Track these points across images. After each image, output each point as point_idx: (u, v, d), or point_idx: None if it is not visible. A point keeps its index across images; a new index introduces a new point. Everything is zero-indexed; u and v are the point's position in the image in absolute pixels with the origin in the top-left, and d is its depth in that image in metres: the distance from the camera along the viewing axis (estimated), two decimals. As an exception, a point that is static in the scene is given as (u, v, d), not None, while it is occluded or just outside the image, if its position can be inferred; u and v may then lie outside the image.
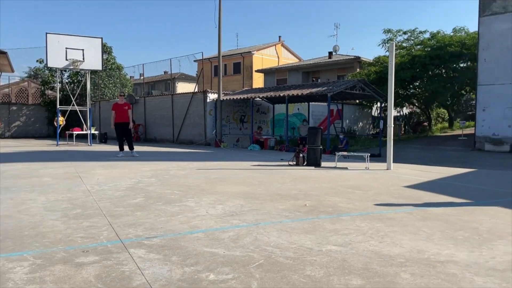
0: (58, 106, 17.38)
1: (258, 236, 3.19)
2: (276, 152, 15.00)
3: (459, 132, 26.19)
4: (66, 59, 15.49)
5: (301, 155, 9.14)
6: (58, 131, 17.82)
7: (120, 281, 2.27)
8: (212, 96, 18.52)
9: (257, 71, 37.04)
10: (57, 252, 2.76)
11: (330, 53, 33.03)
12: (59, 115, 18.03)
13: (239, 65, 41.00)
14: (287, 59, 40.98)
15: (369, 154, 9.39)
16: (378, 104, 28.42)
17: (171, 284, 2.22)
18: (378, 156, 16.70)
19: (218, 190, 5.41)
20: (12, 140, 23.23)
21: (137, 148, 15.17)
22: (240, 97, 17.45)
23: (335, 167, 8.80)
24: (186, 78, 59.88)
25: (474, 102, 21.20)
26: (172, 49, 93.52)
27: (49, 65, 15.91)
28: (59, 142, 18.07)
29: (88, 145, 17.78)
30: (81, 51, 15.70)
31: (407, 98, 26.75)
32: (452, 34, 25.15)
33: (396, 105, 27.51)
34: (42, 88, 27.92)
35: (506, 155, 15.91)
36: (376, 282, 2.28)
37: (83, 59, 15.78)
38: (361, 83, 15.60)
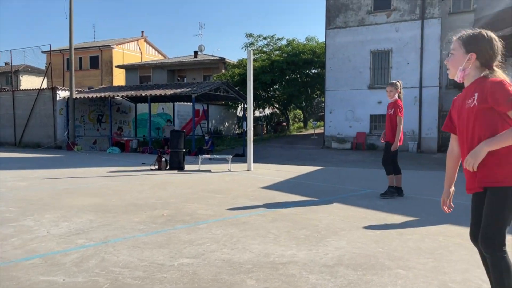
0: None
1: (106, 256, 2.99)
2: (138, 155, 14.39)
3: (312, 131, 29.10)
4: None
5: (163, 159, 8.95)
6: None
7: None
8: (63, 94, 16.81)
9: (118, 66, 34.98)
10: None
11: (196, 53, 33.17)
12: None
13: (97, 59, 38.06)
14: (151, 56, 39.73)
15: (231, 156, 9.68)
16: (243, 104, 29.79)
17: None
18: (242, 155, 17.39)
19: (65, 204, 4.91)
20: None
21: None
22: (97, 96, 16.25)
23: (198, 170, 8.85)
24: (33, 71, 53.04)
25: (323, 104, 23.80)
26: (20, 40, 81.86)
27: None
28: None
29: None
30: None
31: (268, 100, 28.52)
32: (305, 42, 27.75)
33: (258, 106, 29.12)
34: None
35: (348, 152, 18.16)
36: (223, 293, 2.34)
37: None
38: (224, 85, 16.05)
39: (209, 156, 10.44)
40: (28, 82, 49.81)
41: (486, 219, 1.81)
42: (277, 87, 27.25)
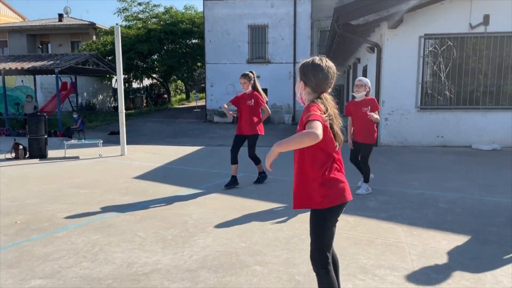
0: None
1: None
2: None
3: (194, 104, 28.91)
4: None
5: (20, 146, 8.01)
6: None
7: None
8: None
9: None
10: None
11: (61, 15, 29.72)
12: None
13: None
14: (8, 18, 34.41)
15: (101, 141, 9.10)
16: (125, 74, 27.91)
17: None
18: (118, 133, 16.53)
19: None
20: None
21: None
22: None
23: (64, 158, 8.16)
24: None
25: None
26: None
27: None
28: None
29: None
30: None
31: (146, 70, 27.26)
32: (184, 11, 26.95)
33: (136, 77, 27.67)
34: None
35: (230, 126, 18.58)
36: (77, 320, 2.27)
37: None
38: (94, 57, 14.85)
39: (75, 141, 9.58)
40: None
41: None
42: (155, 57, 26.14)
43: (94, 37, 27.68)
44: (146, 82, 31.99)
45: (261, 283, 2.73)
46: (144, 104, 29.61)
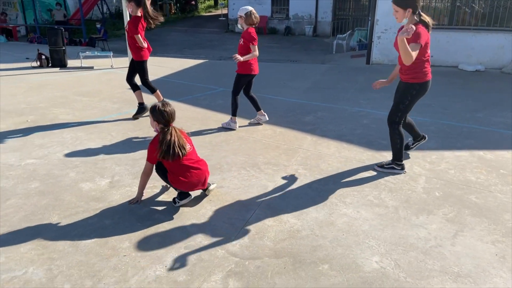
0: None
1: (-31, 160, 4.03)
2: (26, 45, 14.01)
3: (220, 12, 28.87)
4: None
5: (43, 56, 9.28)
6: None
7: None
8: None
9: None
10: None
11: None
12: None
13: None
14: None
15: (112, 53, 10.19)
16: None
17: None
18: (141, 42, 17.51)
19: None
20: None
21: None
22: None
23: (80, 67, 9.42)
24: None
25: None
26: None
27: None
28: None
29: None
30: None
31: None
32: None
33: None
34: None
35: None
36: (49, 183, 3.59)
37: None
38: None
39: (89, 52, 10.69)
40: None
41: None
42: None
43: None
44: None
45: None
46: (172, 12, 29.89)
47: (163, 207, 3.20)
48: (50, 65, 9.37)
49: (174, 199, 3.24)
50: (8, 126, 5.12)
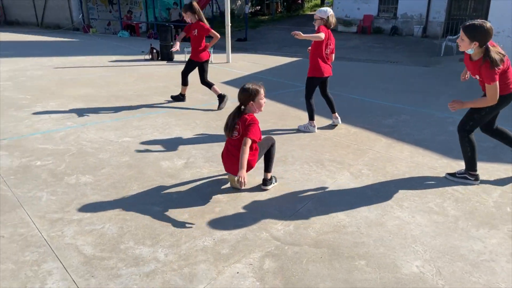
0: None
1: (81, 134, 4.83)
2: (145, 40, 15.69)
3: (326, 11, 28.73)
4: None
5: (154, 50, 10.39)
6: None
7: (-23, 171, 3.80)
8: (75, -24, 17.58)
9: None
10: None
11: None
12: None
13: None
14: None
15: (212, 49, 10.90)
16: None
17: (9, 169, 3.82)
18: (244, 40, 18.37)
19: (66, 93, 6.72)
20: None
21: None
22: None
23: (184, 61, 10.32)
24: None
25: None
26: None
27: None
28: None
29: None
30: None
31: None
32: None
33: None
34: None
35: (351, 36, 18.78)
36: (136, 158, 4.15)
37: None
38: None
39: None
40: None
41: None
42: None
43: None
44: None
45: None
46: (278, 11, 30.61)
47: (224, 189, 3.50)
48: (159, 58, 10.45)
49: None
50: (116, 109, 5.94)
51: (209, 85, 6.20)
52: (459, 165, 4.01)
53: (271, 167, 3.55)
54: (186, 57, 10.63)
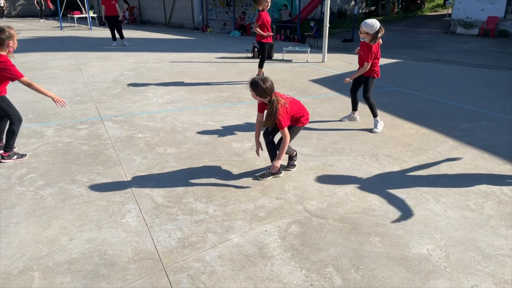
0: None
1: (176, 116, 5.78)
2: (252, 39, 16.76)
3: (446, 11, 26.84)
4: None
5: (256, 49, 11.25)
6: (60, 15, 19.53)
7: (97, 136, 4.93)
8: (198, -20, 19.53)
9: None
10: (67, 123, 5.42)
11: None
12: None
13: None
14: None
15: (309, 49, 11.36)
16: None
17: (118, 138, 4.87)
18: (351, 41, 18.36)
19: (173, 83, 7.88)
20: (19, 20, 24.92)
21: (131, 33, 17.18)
22: (223, -17, 18.51)
23: (282, 60, 11.00)
24: None
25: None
26: None
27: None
28: (63, 25, 19.94)
29: (89, 28, 19.62)
30: None
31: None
32: None
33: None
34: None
35: (471, 39, 17.55)
36: (213, 137, 4.89)
37: None
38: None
39: (291, 47, 12.05)
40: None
41: None
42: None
43: None
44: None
45: (309, 147, 4.67)
46: (395, 11, 29.52)
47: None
48: (259, 56, 11.27)
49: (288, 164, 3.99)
50: (210, 98, 6.84)
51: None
52: (522, 172, 3.90)
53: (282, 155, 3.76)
54: (283, 56, 11.29)
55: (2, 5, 22.31)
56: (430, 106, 6.40)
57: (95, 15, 22.30)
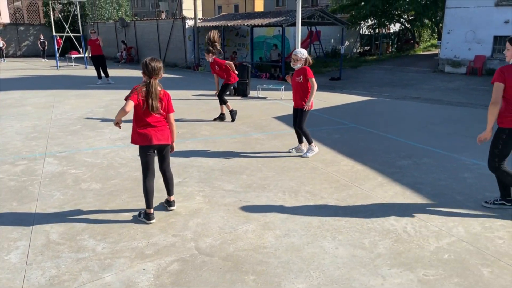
0: (54, 33, 19.57)
1: (120, 152, 5.83)
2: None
3: (437, 51, 27.29)
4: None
5: (231, 87, 11.47)
6: (57, 56, 20.26)
7: (30, 172, 4.99)
8: (190, 22, 20.27)
9: None
10: (8, 159, 5.50)
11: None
12: (57, 39, 20.35)
13: (242, -24, 40.99)
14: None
15: (283, 87, 11.54)
16: (369, 21, 29.18)
17: (50, 174, 4.91)
18: (338, 79, 18.63)
19: (134, 120, 8.01)
20: (21, 60, 25.87)
21: (123, 71, 17.66)
22: (213, 24, 19.18)
23: (256, 97, 11.17)
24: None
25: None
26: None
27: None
28: (60, 64, 20.65)
29: (84, 67, 20.27)
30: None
31: (390, 16, 27.37)
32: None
33: (380, 25, 28.26)
34: (45, 9, 29.63)
35: (459, 77, 17.72)
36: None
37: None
38: (319, 11, 17.06)
39: (265, 85, 12.21)
40: (188, 4, 55.79)
41: None
42: (400, 2, 25.69)
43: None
44: (395, 28, 31.92)
45: (236, 183, 4.66)
46: (389, 51, 30.08)
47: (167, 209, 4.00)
48: (235, 94, 11.49)
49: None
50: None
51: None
52: (436, 212, 3.83)
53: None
54: (258, 93, 11.47)
55: (1, 46, 23.18)
56: (378, 143, 6.39)
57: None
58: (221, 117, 8.11)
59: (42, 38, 25.91)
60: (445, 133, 7.04)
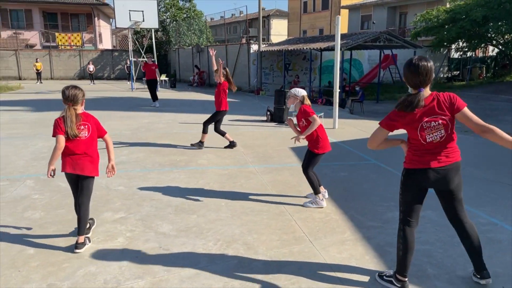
0: (130, 58, 21.13)
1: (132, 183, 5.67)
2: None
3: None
4: (130, 20, 18.77)
5: (268, 112, 10.96)
6: (133, 79, 21.77)
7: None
8: (254, 47, 20.34)
9: (343, 7, 37.10)
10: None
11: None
12: (133, 65, 21.95)
13: (327, 0, 40.85)
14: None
15: (323, 114, 10.66)
16: (460, 43, 26.54)
17: (13, 197, 4.88)
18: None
19: (147, 143, 7.91)
20: (110, 82, 28.43)
21: (188, 95, 18.27)
22: (276, 49, 19.01)
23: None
24: (281, 15, 59.94)
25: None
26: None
27: (117, 25, 19.45)
28: (137, 87, 22.15)
29: (157, 90, 21.46)
30: (141, 12, 18.76)
31: (483, 39, 24.55)
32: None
33: (470, 47, 25.49)
34: (135, 36, 32.42)
35: None
36: (94, 203, 4.63)
37: (143, 19, 18.88)
38: (385, 34, 15.85)
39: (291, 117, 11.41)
40: (277, 26, 57.05)
41: None
42: (491, 24, 22.93)
43: (447, 4, 27.18)
44: (493, 52, 28.60)
45: (180, 224, 4.13)
46: (481, 76, 26.92)
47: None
48: (271, 119, 10.94)
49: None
50: (163, 161, 6.67)
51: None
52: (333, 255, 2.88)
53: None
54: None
55: (91, 70, 25.67)
56: (387, 185, 5.36)
57: (166, 79, 24.46)
58: (231, 145, 7.65)
59: (128, 63, 28.21)
60: (483, 179, 5.68)
